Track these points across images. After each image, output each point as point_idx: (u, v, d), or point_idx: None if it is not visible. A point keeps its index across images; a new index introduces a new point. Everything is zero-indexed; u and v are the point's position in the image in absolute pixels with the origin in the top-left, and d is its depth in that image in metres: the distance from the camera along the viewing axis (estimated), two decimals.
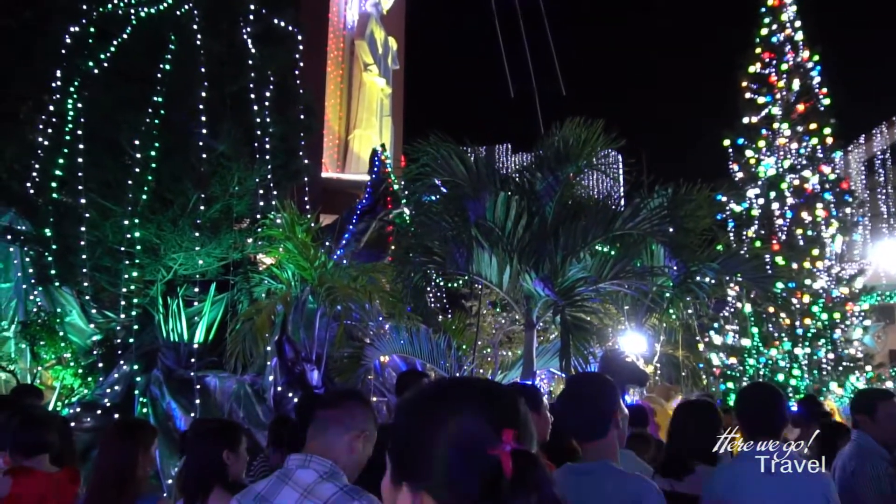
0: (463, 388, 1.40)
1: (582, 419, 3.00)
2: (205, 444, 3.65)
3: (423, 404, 1.38)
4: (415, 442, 1.33)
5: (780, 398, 3.57)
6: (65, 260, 11.16)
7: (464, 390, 1.39)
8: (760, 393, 3.77)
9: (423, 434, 1.32)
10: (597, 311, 9.29)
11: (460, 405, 1.33)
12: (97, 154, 11.35)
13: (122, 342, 10.97)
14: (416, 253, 9.25)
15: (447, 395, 1.39)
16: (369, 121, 29.59)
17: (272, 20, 13.71)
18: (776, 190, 15.99)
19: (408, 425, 1.37)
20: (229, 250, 11.96)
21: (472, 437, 1.27)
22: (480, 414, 1.30)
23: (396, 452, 1.37)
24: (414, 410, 1.39)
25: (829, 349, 15.01)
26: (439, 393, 1.40)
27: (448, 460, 1.27)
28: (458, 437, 1.28)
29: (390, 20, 31.98)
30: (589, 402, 3.03)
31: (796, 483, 3.21)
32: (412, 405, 1.40)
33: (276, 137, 12.85)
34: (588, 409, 3.00)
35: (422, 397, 1.41)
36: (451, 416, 1.30)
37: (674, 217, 8.31)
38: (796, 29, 16.97)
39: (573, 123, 8.68)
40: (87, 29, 11.94)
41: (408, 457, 1.34)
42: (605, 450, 2.93)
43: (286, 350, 10.45)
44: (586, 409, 3.01)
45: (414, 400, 1.41)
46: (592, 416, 2.96)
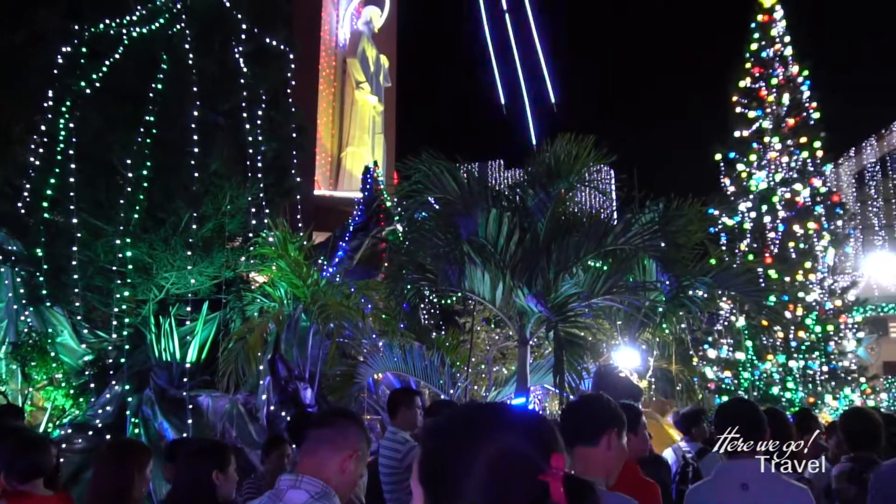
0: (503, 412, 1.37)
1: (574, 422, 2.96)
2: (193, 465, 3.62)
3: (463, 428, 1.34)
4: (455, 466, 1.29)
5: (756, 411, 3.58)
6: (56, 280, 11.12)
7: (505, 414, 1.36)
8: (738, 407, 3.78)
9: (465, 457, 1.28)
10: (590, 327, 9.29)
11: (504, 428, 1.31)
12: (89, 173, 11.34)
13: (113, 362, 10.90)
14: (408, 270, 9.24)
15: (489, 418, 1.35)
16: (361, 138, 29.66)
17: (264, 39, 13.77)
18: (768, 203, 16.06)
19: (446, 449, 1.32)
20: (222, 269, 11.93)
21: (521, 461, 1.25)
22: (527, 438, 1.29)
23: (432, 477, 1.32)
24: (452, 434, 1.34)
25: (823, 362, 15.02)
26: (479, 416, 1.36)
27: (494, 483, 1.25)
28: (505, 459, 1.26)
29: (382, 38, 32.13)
30: (585, 408, 3.03)
31: (775, 498, 3.21)
32: (449, 429, 1.36)
33: (268, 155, 12.86)
34: (583, 413, 2.99)
35: (460, 420, 1.37)
36: (496, 439, 1.28)
37: (665, 232, 8.33)
38: (785, 44, 17.14)
39: (564, 139, 8.71)
40: (78, 49, 11.97)
41: (447, 481, 1.30)
42: (594, 461, 2.83)
43: (279, 369, 10.40)
44: (581, 414, 3.00)
45: (450, 424, 1.37)
46: (585, 419, 2.93)
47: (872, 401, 15.08)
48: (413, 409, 5.55)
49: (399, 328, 10.38)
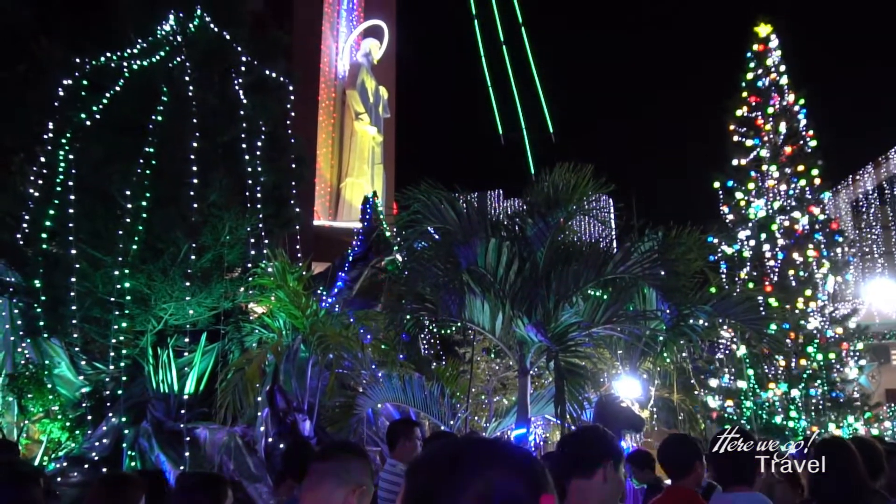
0: (492, 448, 1.33)
1: (569, 454, 2.93)
2: (190, 499, 3.56)
3: (450, 463, 1.30)
4: (442, 501, 1.26)
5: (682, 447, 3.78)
6: (54, 311, 11.07)
7: (494, 451, 1.31)
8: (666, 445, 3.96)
9: (452, 494, 1.24)
10: (591, 356, 9.23)
11: (493, 465, 1.27)
12: (88, 204, 11.36)
13: (110, 394, 10.82)
14: (408, 300, 9.20)
15: (477, 454, 1.30)
16: (361, 169, 29.76)
17: (264, 71, 13.89)
18: (767, 231, 16.08)
19: (432, 485, 1.28)
20: (220, 299, 11.89)
21: (510, 500, 1.22)
22: (517, 476, 1.25)
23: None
24: (438, 470, 1.30)
25: (825, 390, 14.93)
26: (468, 452, 1.31)
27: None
28: (494, 498, 1.23)
29: (381, 70, 32.40)
30: (581, 440, 3.01)
31: None
32: (436, 464, 1.32)
33: (267, 186, 12.89)
34: (578, 445, 2.96)
35: (447, 456, 1.32)
36: (484, 476, 1.24)
37: (665, 260, 8.32)
38: (781, 73, 17.29)
39: (562, 169, 8.73)
40: (80, 81, 12.06)
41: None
42: (590, 494, 2.77)
43: (277, 400, 10.31)
44: (576, 446, 2.97)
45: (437, 459, 1.33)
46: (580, 451, 2.88)
47: (877, 429, 14.96)
48: (412, 441, 5.48)
49: (398, 358, 10.32)
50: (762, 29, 17.57)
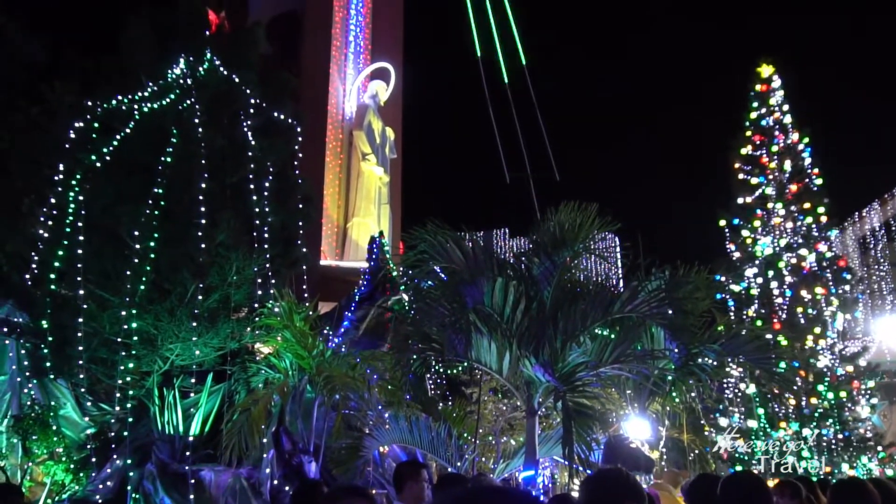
0: (502, 497, 1.33)
1: (589, 497, 2.96)
2: None
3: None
4: None
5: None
6: (61, 352, 11.08)
7: (504, 499, 1.32)
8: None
9: None
10: (599, 396, 9.13)
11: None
12: (97, 245, 11.44)
13: (116, 435, 10.77)
14: (414, 340, 9.16)
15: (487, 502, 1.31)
16: (367, 209, 29.95)
17: (272, 113, 14.07)
18: (774, 269, 16.02)
19: None
20: (227, 340, 11.88)
21: None
22: None
23: None
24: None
25: (837, 429, 14.72)
26: (477, 500, 1.32)
27: None
28: None
29: (388, 111, 32.79)
30: (600, 483, 3.03)
31: None
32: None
33: (275, 227, 12.97)
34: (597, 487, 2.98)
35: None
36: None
37: (672, 299, 8.27)
38: (784, 112, 17.40)
39: (568, 208, 8.74)
40: (91, 124, 12.24)
41: None
42: None
43: (283, 441, 10.22)
44: (595, 488, 2.99)
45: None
46: (600, 494, 2.91)
47: (891, 469, 14.71)
48: (420, 483, 5.42)
49: (405, 399, 10.24)
50: (764, 69, 17.74)
